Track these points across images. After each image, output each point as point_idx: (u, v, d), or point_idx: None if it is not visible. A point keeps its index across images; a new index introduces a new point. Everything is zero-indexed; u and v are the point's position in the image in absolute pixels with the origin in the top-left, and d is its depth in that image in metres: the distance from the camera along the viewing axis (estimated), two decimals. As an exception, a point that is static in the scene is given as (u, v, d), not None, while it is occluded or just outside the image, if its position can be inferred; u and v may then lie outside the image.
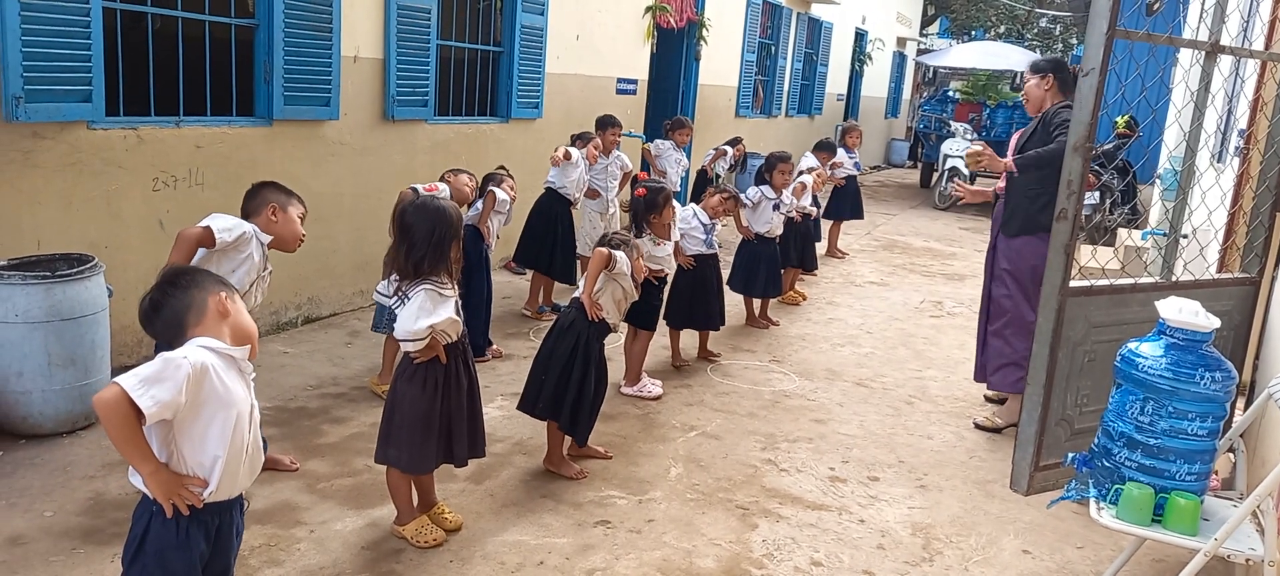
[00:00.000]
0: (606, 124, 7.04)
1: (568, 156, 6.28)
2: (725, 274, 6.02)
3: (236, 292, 2.27)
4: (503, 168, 5.55)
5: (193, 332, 2.13)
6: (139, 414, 1.97)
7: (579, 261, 6.69)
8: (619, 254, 3.96)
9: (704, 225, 5.48)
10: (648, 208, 4.76)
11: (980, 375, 5.09)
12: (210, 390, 2.07)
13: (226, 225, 3.28)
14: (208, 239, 3.21)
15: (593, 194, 6.84)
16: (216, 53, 5.12)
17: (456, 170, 5.04)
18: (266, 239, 3.44)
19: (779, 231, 6.58)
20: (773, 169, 6.49)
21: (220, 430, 2.10)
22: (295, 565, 3.13)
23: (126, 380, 1.97)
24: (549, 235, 6.25)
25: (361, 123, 5.97)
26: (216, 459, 2.11)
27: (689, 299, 5.47)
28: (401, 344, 3.13)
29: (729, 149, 9.38)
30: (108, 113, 4.46)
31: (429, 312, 3.07)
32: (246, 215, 3.44)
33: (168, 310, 2.14)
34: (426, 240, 3.10)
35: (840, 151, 9.03)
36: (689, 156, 10.13)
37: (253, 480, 2.27)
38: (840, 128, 10.24)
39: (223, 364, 2.12)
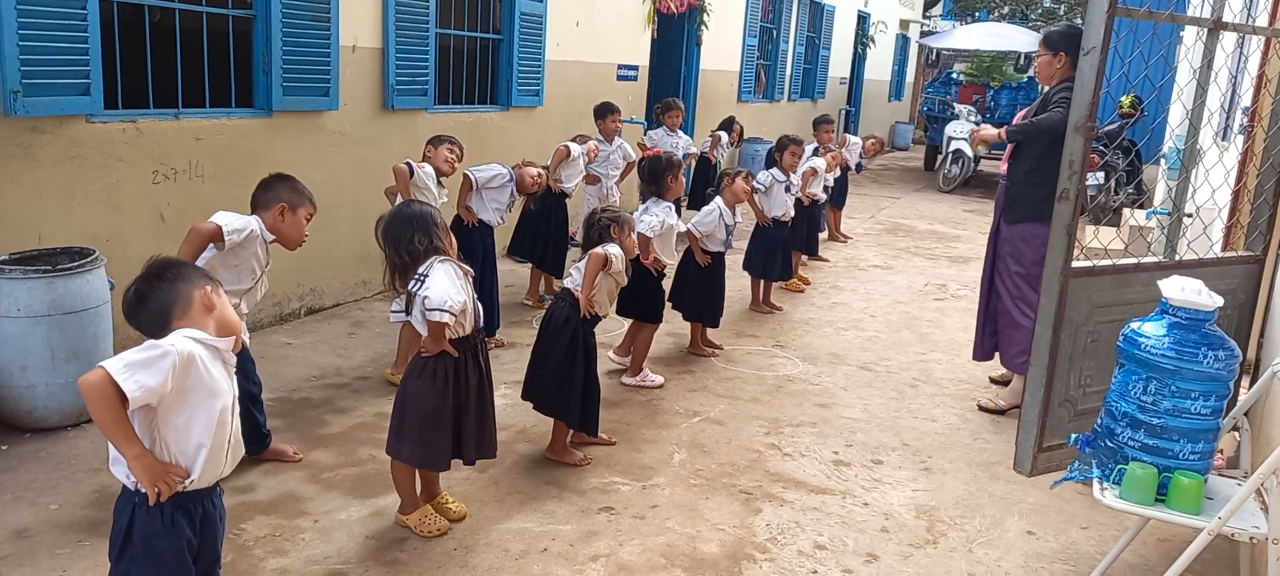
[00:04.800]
0: (605, 112, 7.05)
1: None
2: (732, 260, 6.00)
3: (221, 286, 2.29)
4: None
5: (177, 325, 2.14)
6: (123, 398, 1.98)
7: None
8: (614, 253, 3.94)
9: (728, 226, 5.38)
10: (652, 174, 4.92)
11: (979, 353, 5.09)
12: (196, 379, 2.09)
13: (237, 226, 3.32)
14: (219, 236, 3.26)
15: (592, 180, 6.84)
16: (214, 44, 5.11)
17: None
18: (270, 237, 3.44)
19: (791, 214, 6.58)
20: (783, 150, 6.47)
21: (205, 420, 2.12)
22: (300, 554, 3.14)
23: (112, 364, 1.99)
24: (542, 228, 6.23)
25: (361, 112, 5.96)
26: (201, 448, 2.13)
27: (699, 291, 5.42)
28: (431, 315, 3.00)
29: (725, 133, 9.37)
30: (107, 105, 4.45)
31: (457, 284, 3.05)
32: (257, 205, 3.45)
33: (154, 302, 2.15)
34: (397, 250, 3.12)
35: (850, 137, 9.08)
36: (690, 135, 10.11)
37: (232, 468, 2.29)
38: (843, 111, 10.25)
39: (209, 354, 2.14)
